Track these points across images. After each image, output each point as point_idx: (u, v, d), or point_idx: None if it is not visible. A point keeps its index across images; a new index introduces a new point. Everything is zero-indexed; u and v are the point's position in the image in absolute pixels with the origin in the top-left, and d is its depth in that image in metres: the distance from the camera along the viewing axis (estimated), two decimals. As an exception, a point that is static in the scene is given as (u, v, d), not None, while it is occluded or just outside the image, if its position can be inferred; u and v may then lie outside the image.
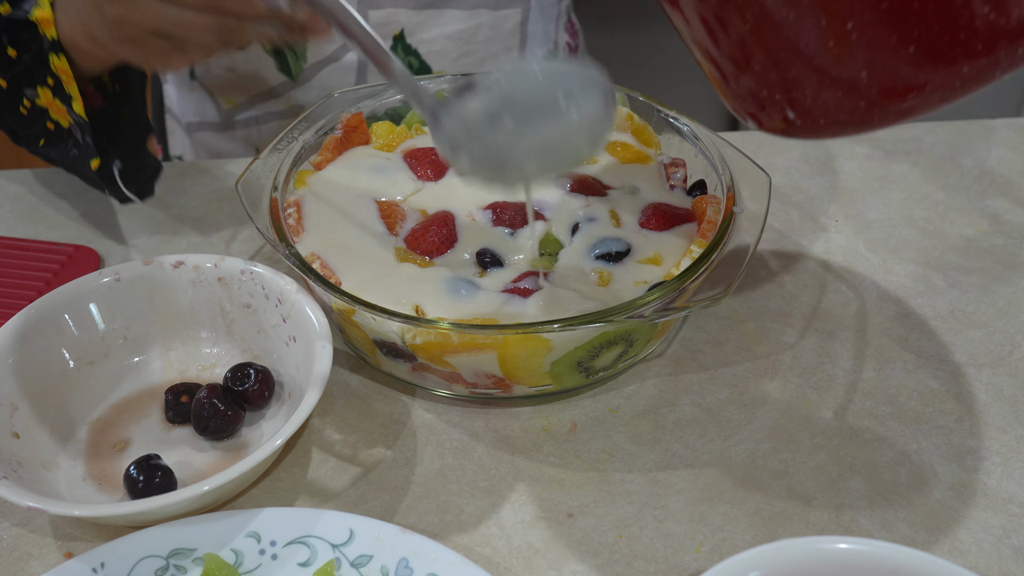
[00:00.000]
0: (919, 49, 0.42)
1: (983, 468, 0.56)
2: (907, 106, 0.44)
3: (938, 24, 0.41)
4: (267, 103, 0.89)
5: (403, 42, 0.84)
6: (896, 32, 0.41)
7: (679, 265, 0.57)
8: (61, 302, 0.58)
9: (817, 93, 0.45)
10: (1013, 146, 0.82)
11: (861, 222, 0.74)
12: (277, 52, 0.85)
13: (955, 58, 0.41)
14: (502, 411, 0.59)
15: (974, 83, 0.43)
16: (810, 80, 0.45)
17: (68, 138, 0.67)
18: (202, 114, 0.93)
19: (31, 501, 0.47)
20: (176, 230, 0.74)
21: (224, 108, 0.91)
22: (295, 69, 0.85)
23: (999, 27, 0.40)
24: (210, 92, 0.92)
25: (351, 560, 0.49)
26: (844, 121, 0.46)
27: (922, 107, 0.44)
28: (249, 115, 0.91)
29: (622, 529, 0.53)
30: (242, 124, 0.92)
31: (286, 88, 0.88)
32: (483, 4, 0.83)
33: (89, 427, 0.57)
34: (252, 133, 0.92)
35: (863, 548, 0.45)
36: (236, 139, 0.93)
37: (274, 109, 0.89)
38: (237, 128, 0.92)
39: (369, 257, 0.59)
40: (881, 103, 0.44)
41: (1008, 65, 0.42)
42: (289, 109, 0.89)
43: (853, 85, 0.44)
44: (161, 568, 0.48)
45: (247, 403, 0.57)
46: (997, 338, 0.64)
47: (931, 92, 0.43)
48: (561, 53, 0.96)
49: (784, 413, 0.59)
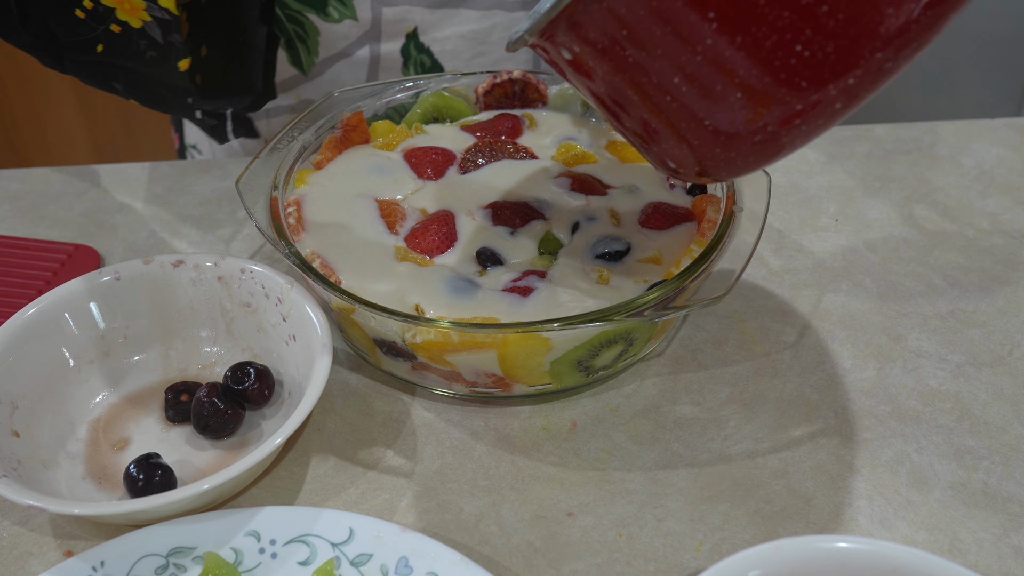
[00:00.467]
0: (745, 94, 0.42)
1: (983, 467, 0.56)
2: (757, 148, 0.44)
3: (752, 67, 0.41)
4: (277, 97, 0.89)
5: (416, 40, 0.84)
6: (713, 86, 0.42)
7: (679, 264, 0.57)
8: (61, 301, 0.58)
9: (679, 150, 0.46)
10: (1013, 146, 0.82)
11: (861, 221, 0.74)
12: (289, 45, 0.85)
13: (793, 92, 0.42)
14: (502, 410, 0.59)
15: (824, 115, 0.42)
16: (670, 140, 0.46)
17: (140, 39, 0.61)
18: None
19: (31, 500, 0.47)
20: (176, 229, 0.74)
21: None
22: (307, 63, 0.85)
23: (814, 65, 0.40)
24: None
25: (351, 559, 0.49)
26: (736, 160, 0.46)
27: (789, 143, 0.44)
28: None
29: (622, 528, 0.53)
30: (253, 117, 0.92)
31: (297, 82, 0.88)
32: (498, 5, 0.83)
33: (89, 426, 0.57)
34: (262, 126, 0.92)
35: (863, 547, 0.45)
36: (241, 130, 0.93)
37: (284, 103, 0.90)
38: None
39: (369, 256, 0.59)
40: (740, 146, 0.44)
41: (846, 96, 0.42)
42: (299, 103, 0.89)
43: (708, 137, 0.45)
44: (161, 567, 0.48)
45: (247, 402, 0.57)
46: (997, 337, 0.64)
47: (788, 128, 0.43)
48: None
49: (784, 412, 0.59)
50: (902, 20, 0.39)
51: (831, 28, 0.39)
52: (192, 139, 0.99)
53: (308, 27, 0.82)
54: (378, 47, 0.85)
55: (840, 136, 0.83)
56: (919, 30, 0.40)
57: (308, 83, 0.87)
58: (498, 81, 0.71)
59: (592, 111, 0.71)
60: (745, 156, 0.45)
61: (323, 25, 0.83)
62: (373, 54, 0.85)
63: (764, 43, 0.40)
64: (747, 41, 0.40)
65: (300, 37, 0.83)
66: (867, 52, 0.40)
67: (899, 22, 0.39)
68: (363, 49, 0.85)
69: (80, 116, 1.85)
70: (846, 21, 0.39)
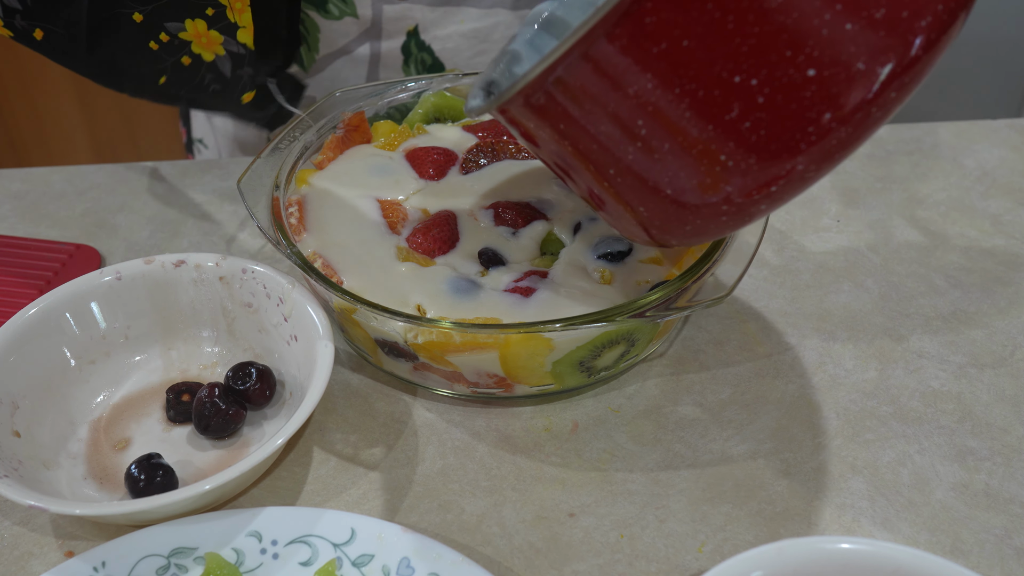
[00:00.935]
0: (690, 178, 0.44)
1: (985, 468, 0.56)
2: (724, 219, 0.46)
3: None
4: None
5: (417, 38, 0.84)
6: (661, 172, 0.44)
7: (681, 265, 0.57)
8: (62, 301, 0.58)
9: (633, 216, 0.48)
10: (1015, 146, 0.82)
11: (863, 222, 0.74)
12: None
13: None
14: (504, 411, 0.59)
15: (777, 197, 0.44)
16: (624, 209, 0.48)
17: (207, 73, 0.62)
18: None
19: (32, 500, 0.47)
20: (177, 229, 0.74)
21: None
22: (307, 60, 0.85)
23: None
24: None
25: (352, 559, 0.49)
26: (692, 233, 0.48)
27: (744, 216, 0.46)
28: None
29: (624, 529, 0.53)
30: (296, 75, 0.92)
31: (299, 78, 0.88)
32: (501, 3, 0.83)
33: (90, 426, 0.57)
34: (263, 119, 0.92)
35: (865, 548, 0.45)
36: (251, 126, 0.93)
37: None
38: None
39: (371, 256, 0.59)
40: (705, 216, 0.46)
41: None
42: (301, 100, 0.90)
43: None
44: (162, 567, 0.48)
45: (248, 402, 0.57)
46: (999, 338, 0.64)
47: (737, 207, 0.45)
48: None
49: (786, 413, 0.59)
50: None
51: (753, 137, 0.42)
52: (199, 133, 0.99)
53: (308, 24, 0.82)
54: (379, 45, 0.85)
55: (842, 137, 0.83)
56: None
57: (310, 79, 0.88)
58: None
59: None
60: (706, 224, 0.47)
61: (323, 22, 0.83)
62: (374, 52, 0.85)
63: (692, 151, 0.43)
64: (677, 148, 0.43)
65: (300, 34, 0.83)
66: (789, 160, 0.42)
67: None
68: (364, 47, 0.85)
69: (81, 115, 1.85)
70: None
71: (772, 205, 0.44)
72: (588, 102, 0.43)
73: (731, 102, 0.41)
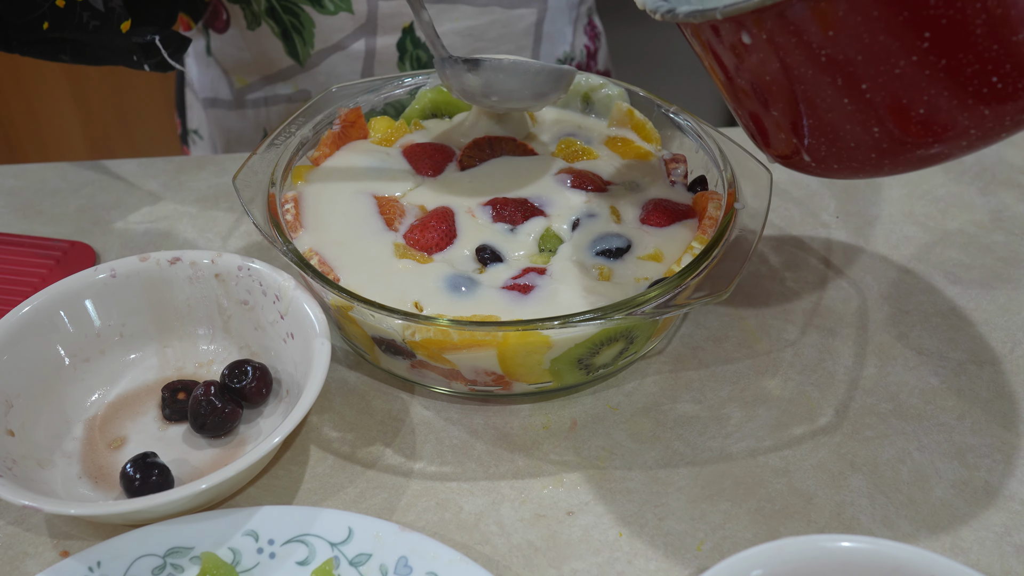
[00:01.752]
0: (928, 111, 0.43)
1: (985, 465, 0.55)
2: (918, 155, 0.45)
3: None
4: (275, 85, 0.90)
5: (412, 35, 0.84)
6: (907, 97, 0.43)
7: (680, 262, 0.57)
8: (56, 298, 0.57)
9: (831, 144, 0.47)
10: (1014, 142, 0.82)
11: (862, 218, 0.74)
12: (285, 36, 0.85)
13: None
14: (501, 408, 0.59)
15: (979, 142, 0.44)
16: (824, 134, 0.47)
17: (83, 11, 0.64)
18: (216, 91, 0.94)
19: (26, 499, 0.47)
20: (172, 226, 0.74)
21: (237, 87, 0.92)
22: (302, 54, 0.85)
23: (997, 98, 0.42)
24: (224, 70, 0.92)
25: (350, 559, 0.49)
26: (856, 168, 0.48)
27: (930, 158, 0.46)
28: (259, 95, 0.91)
29: (623, 527, 0.52)
30: (252, 104, 0.92)
31: (293, 72, 0.88)
32: (496, 2, 0.83)
33: (85, 424, 0.57)
34: (261, 113, 0.92)
35: (865, 546, 0.44)
36: (246, 118, 0.93)
37: (282, 92, 0.90)
38: (247, 107, 0.92)
39: (368, 253, 0.59)
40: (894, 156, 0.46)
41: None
42: (297, 92, 0.89)
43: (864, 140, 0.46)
44: (158, 567, 0.48)
45: (245, 400, 0.57)
46: (998, 335, 0.64)
47: (947, 142, 0.44)
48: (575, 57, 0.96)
49: (785, 410, 0.59)
50: None
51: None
52: (194, 124, 0.99)
53: (304, 18, 0.82)
54: (374, 41, 0.84)
55: (840, 132, 0.83)
56: None
57: (305, 73, 0.87)
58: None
59: (592, 107, 0.71)
60: (894, 165, 0.47)
61: (318, 17, 0.82)
62: (369, 47, 0.85)
63: (965, 69, 0.42)
64: (951, 64, 0.42)
65: (296, 28, 0.83)
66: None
67: None
68: (359, 42, 0.85)
69: (75, 111, 1.84)
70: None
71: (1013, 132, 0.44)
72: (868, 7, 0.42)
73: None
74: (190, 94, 0.99)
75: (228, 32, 0.89)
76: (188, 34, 0.94)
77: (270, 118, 0.92)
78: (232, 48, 0.89)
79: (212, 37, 0.91)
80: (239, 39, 0.88)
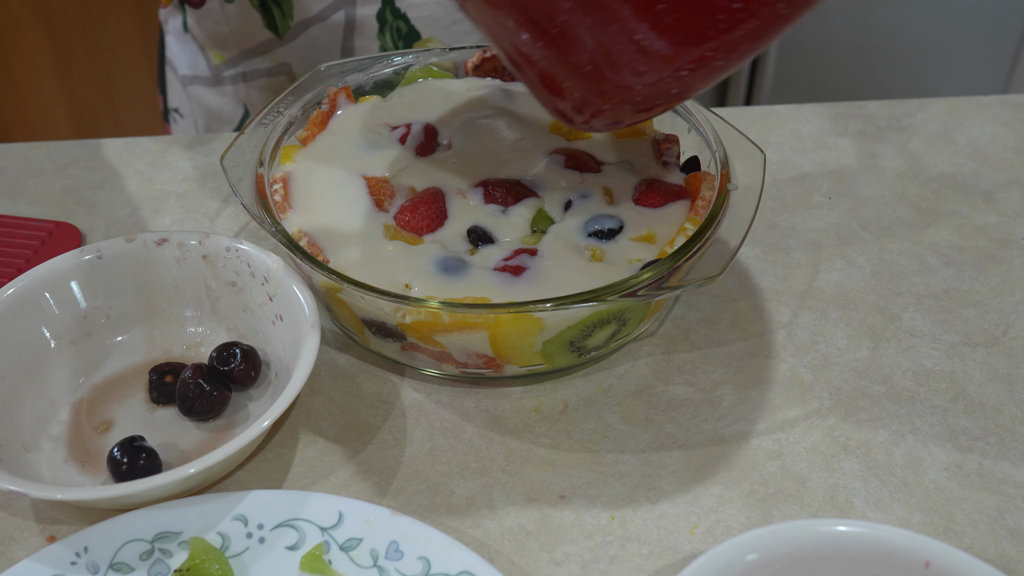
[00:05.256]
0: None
1: (978, 448, 0.55)
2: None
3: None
4: (254, 60, 0.88)
5: (392, 5, 0.82)
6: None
7: (673, 243, 0.56)
8: (41, 280, 0.56)
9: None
10: (1006, 123, 0.82)
11: (854, 199, 0.74)
12: (264, 8, 0.83)
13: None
14: (493, 391, 0.59)
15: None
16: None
17: None
18: (195, 67, 0.93)
19: (12, 484, 0.46)
20: (159, 206, 0.73)
21: (214, 63, 0.91)
22: (281, 26, 0.84)
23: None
24: (201, 46, 0.91)
25: (340, 543, 0.48)
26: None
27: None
28: (237, 71, 0.90)
29: (615, 511, 0.52)
30: (230, 80, 0.91)
31: (273, 45, 0.86)
32: None
33: (71, 408, 0.56)
34: (240, 90, 0.91)
35: (860, 530, 0.44)
36: (226, 95, 0.92)
37: (261, 66, 0.88)
38: (226, 84, 0.91)
39: (357, 235, 0.58)
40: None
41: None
42: (276, 67, 0.88)
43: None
44: (146, 552, 0.48)
45: (233, 383, 0.56)
46: (991, 317, 0.63)
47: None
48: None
49: (778, 393, 0.58)
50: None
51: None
52: (175, 102, 0.98)
53: None
54: (353, 11, 0.83)
55: (833, 113, 0.82)
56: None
57: (284, 47, 0.86)
58: (488, 55, 0.70)
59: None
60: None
61: None
62: (348, 18, 0.84)
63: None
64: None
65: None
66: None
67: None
68: (338, 13, 0.84)
69: (60, 90, 1.83)
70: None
71: (685, 91, 0.49)
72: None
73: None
74: (170, 72, 0.98)
75: (205, 6, 0.87)
76: (165, 11, 0.93)
77: (250, 94, 0.91)
78: (209, 23, 0.88)
79: (188, 12, 0.89)
80: (217, 13, 0.86)
